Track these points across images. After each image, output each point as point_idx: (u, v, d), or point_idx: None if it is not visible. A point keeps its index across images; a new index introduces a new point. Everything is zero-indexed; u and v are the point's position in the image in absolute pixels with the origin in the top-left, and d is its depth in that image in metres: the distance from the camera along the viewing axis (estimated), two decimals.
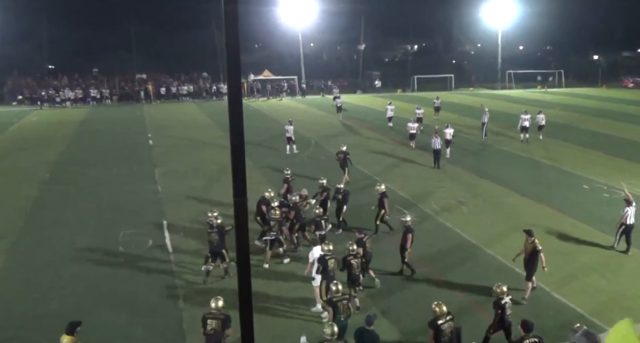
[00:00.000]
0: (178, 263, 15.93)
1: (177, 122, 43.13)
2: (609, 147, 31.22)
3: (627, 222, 16.35)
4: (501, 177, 24.82)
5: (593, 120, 41.20)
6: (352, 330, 10.55)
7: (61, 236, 18.27)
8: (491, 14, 70.38)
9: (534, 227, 18.31)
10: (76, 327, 9.98)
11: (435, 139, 26.49)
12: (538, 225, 18.68)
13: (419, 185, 23.74)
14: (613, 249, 16.62)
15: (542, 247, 13.61)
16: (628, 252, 16.37)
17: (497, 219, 19.59)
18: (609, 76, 72.45)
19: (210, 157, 29.51)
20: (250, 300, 6.68)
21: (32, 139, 36.10)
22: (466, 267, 15.55)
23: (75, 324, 10.01)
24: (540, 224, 18.71)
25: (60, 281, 14.71)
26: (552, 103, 51.78)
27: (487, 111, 34.25)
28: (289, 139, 30.34)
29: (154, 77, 64.92)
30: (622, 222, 16.44)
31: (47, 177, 26.20)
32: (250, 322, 6.70)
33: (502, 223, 19.07)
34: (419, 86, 67.53)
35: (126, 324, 12.69)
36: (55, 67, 69.05)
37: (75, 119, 45.12)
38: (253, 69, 63.71)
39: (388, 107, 39.01)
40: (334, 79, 69.19)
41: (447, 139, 28.64)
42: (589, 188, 23.20)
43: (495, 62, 72.38)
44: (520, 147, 31.52)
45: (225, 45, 6.13)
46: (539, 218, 19.37)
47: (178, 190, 23.31)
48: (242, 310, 6.69)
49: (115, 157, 30.15)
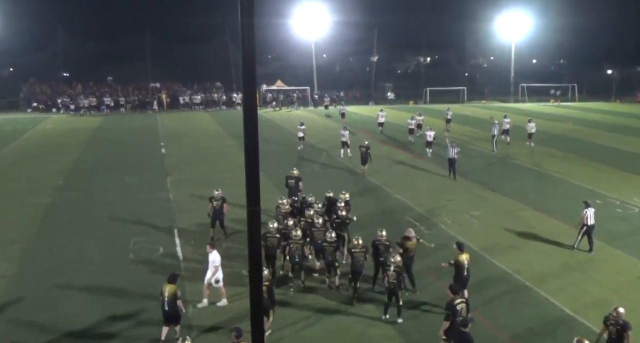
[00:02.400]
0: (188, 271, 15.96)
1: (189, 131, 43.38)
2: (622, 162, 31.00)
3: (588, 223, 17.33)
4: (513, 191, 24.69)
5: (606, 135, 40.96)
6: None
7: (73, 243, 18.37)
8: (504, 27, 70.36)
9: (546, 242, 18.41)
10: (177, 277, 12.65)
11: (451, 148, 26.93)
12: (550, 240, 18.63)
13: (429, 197, 23.68)
14: (574, 249, 17.52)
15: (553, 261, 13.47)
16: (592, 252, 17.32)
17: (510, 232, 19.49)
18: (623, 91, 72.09)
19: (222, 166, 29.62)
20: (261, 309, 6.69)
21: (46, 145, 36.43)
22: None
23: (176, 275, 12.74)
24: (552, 239, 18.64)
25: (71, 288, 14.78)
26: (565, 117, 51.60)
27: (497, 123, 34.32)
28: (344, 143, 32.61)
29: (168, 86, 65.41)
30: (583, 223, 17.41)
31: (60, 183, 26.40)
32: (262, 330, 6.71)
33: (515, 237, 19.00)
34: (432, 98, 67.55)
35: (135, 330, 12.73)
36: (70, 75, 69.80)
37: (89, 127, 45.50)
38: (266, 80, 64.05)
39: (379, 113, 42.24)
40: (347, 90, 69.30)
41: (427, 141, 32.59)
42: (602, 203, 23.01)
43: (508, 75, 72.31)
44: (532, 160, 31.38)
45: (241, 57, 6.19)
46: (551, 232, 19.22)
47: (189, 199, 23.39)
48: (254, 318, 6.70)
49: (127, 165, 30.33)
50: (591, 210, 17.42)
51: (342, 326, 13.01)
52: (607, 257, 17.25)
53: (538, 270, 16.26)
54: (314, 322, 13.17)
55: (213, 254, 14.08)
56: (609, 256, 17.29)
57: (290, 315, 13.41)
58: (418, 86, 71.86)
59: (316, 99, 63.31)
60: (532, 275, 15.85)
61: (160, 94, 61.91)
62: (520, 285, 15.26)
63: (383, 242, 14.70)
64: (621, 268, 16.36)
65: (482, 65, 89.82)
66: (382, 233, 14.83)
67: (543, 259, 17.09)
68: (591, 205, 17.74)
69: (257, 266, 6.74)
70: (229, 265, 15.47)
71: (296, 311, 13.68)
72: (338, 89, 68.39)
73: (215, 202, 18.42)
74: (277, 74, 68.27)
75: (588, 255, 17.30)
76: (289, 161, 30.70)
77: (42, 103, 58.06)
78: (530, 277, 15.69)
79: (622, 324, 10.74)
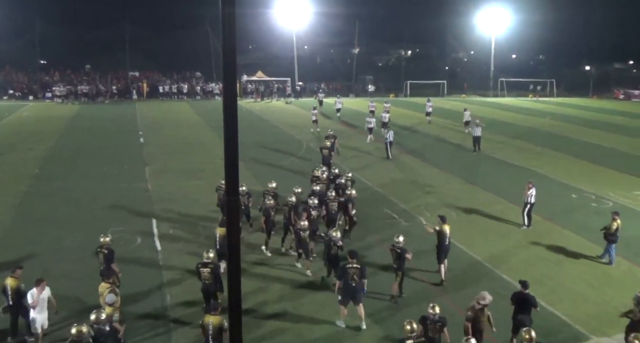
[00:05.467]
0: (166, 261, 15.92)
1: (168, 120, 43.05)
2: (598, 157, 31.44)
3: (531, 201, 19.26)
4: (491, 185, 24.95)
5: (583, 130, 41.48)
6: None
7: (50, 232, 18.20)
8: (485, 22, 70.73)
9: (522, 235, 18.67)
10: (18, 269, 12.31)
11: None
12: (527, 232, 18.91)
13: (406, 188, 23.84)
14: (522, 227, 19.26)
15: (532, 255, 13.69)
16: (530, 226, 19.21)
17: (486, 226, 19.72)
18: (600, 87, 72.96)
19: (201, 157, 29.49)
20: (239, 299, 6.70)
21: (22, 133, 35.91)
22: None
23: (19, 267, 12.49)
24: (529, 232, 18.93)
25: (48, 277, 14.60)
26: (543, 112, 52.11)
27: (477, 125, 32.60)
28: (370, 129, 34.80)
29: (147, 76, 64.76)
30: (526, 202, 19.30)
31: (36, 172, 26.08)
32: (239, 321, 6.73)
33: (491, 230, 19.24)
34: (412, 92, 67.75)
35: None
36: (47, 62, 68.72)
37: (66, 115, 44.93)
38: (246, 70, 63.70)
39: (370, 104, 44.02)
40: (327, 82, 69.18)
41: (383, 122, 35.81)
42: (578, 198, 23.37)
43: (488, 69, 72.76)
44: (511, 155, 31.67)
45: (221, 46, 6.16)
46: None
47: (168, 189, 23.27)
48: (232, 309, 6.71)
49: (105, 154, 30.04)
50: (534, 190, 19.25)
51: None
52: (582, 250, 17.53)
53: (513, 261, 16.51)
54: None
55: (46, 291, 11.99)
56: (584, 249, 17.57)
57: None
58: (399, 79, 72.02)
59: (297, 91, 63.07)
60: (507, 266, 16.09)
61: (140, 83, 61.30)
62: (495, 276, 15.47)
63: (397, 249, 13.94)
64: (595, 262, 16.64)
65: (462, 59, 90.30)
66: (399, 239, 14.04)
67: (517, 251, 17.34)
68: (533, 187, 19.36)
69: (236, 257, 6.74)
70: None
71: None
72: (319, 80, 68.24)
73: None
74: (257, 64, 67.91)
75: (562, 247, 17.58)
76: (269, 152, 30.71)
77: (19, 90, 57.18)
78: (506, 269, 15.93)
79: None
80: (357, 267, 12.76)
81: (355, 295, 12.71)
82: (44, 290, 11.89)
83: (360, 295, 12.79)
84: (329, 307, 13.40)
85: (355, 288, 12.69)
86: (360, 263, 13.08)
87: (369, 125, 35.08)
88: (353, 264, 12.77)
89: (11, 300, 11.93)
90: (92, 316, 10.30)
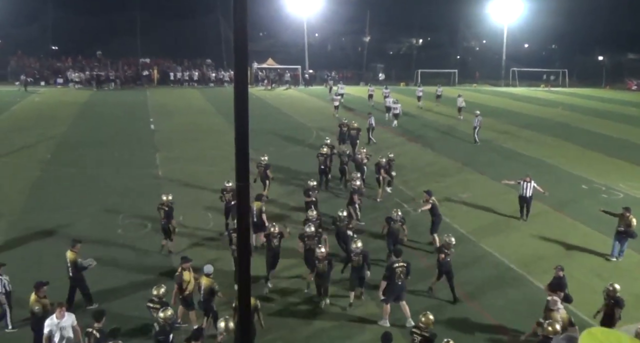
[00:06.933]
0: (175, 248, 16.01)
1: (179, 107, 43.12)
2: (609, 148, 31.23)
3: (527, 195, 19.02)
4: (501, 174, 24.83)
5: (595, 121, 41.18)
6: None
7: (60, 217, 18.35)
8: (497, 11, 70.11)
9: (532, 225, 18.63)
10: (77, 243, 13.06)
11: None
12: (537, 223, 18.87)
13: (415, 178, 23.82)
14: (521, 219, 19.17)
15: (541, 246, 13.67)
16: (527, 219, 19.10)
17: (495, 215, 19.70)
18: (613, 77, 72.25)
19: (211, 143, 29.57)
20: (249, 285, 6.75)
21: (34, 119, 36.10)
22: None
23: (77, 241, 13.17)
24: (539, 222, 18.90)
25: (58, 262, 14.76)
26: (555, 102, 51.75)
27: (478, 116, 32.31)
28: (396, 115, 36.36)
29: (158, 62, 64.80)
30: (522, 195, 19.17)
31: (48, 157, 26.27)
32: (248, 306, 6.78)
33: (500, 220, 19.22)
34: (423, 80, 67.25)
35: (120, 306, 12.83)
36: (59, 48, 68.88)
37: (78, 101, 45.09)
38: (257, 58, 63.60)
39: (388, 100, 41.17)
40: (338, 70, 68.95)
41: (395, 113, 36.45)
42: (588, 189, 23.27)
43: (500, 59, 72.18)
44: (521, 145, 31.53)
45: (233, 32, 6.16)
46: (537, 216, 19.44)
47: (178, 175, 23.38)
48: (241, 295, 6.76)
49: (116, 140, 30.18)
50: (527, 184, 18.92)
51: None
52: (592, 241, 17.49)
53: (525, 253, 16.50)
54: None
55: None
56: (593, 240, 17.52)
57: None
58: (410, 67, 71.60)
59: (307, 78, 63.02)
60: (517, 258, 16.09)
61: (151, 69, 61.36)
62: (505, 267, 15.49)
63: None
64: (605, 252, 16.57)
65: (474, 48, 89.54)
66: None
67: (529, 243, 17.33)
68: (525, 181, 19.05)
69: (245, 241, 6.78)
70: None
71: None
72: (329, 68, 68.03)
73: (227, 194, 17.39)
74: (268, 52, 67.73)
75: (573, 240, 17.53)
76: (279, 140, 30.75)
77: (31, 76, 57.38)
78: (516, 259, 15.93)
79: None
80: (404, 265, 12.67)
81: (401, 293, 12.66)
82: (64, 317, 10.29)
83: (404, 293, 12.75)
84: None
85: (401, 287, 12.65)
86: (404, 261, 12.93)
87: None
88: (399, 262, 12.67)
89: (70, 272, 12.74)
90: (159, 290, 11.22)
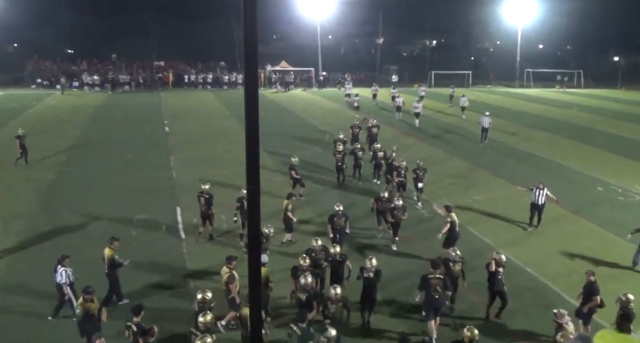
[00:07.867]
0: (190, 249, 16.12)
1: (193, 110, 43.34)
2: (625, 150, 30.94)
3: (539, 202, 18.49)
4: (515, 176, 24.71)
5: (610, 122, 40.79)
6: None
7: (76, 218, 18.54)
8: (511, 12, 69.73)
9: (547, 227, 18.50)
10: (115, 240, 13.41)
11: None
12: (551, 225, 18.73)
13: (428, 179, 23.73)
14: (528, 228, 18.55)
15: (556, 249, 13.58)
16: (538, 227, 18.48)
17: (509, 218, 19.59)
18: (629, 78, 71.51)
19: (225, 146, 29.67)
20: (259, 286, 6.78)
21: (50, 122, 36.47)
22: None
23: (115, 238, 13.52)
24: (554, 225, 18.75)
25: (73, 263, 14.90)
26: (570, 103, 51.35)
27: (486, 116, 32.00)
28: (417, 114, 36.83)
29: (172, 65, 65.20)
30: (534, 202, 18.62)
31: (64, 160, 26.53)
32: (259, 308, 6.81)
33: (514, 223, 19.11)
34: (436, 82, 67.14)
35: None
36: (74, 52, 69.56)
37: (93, 104, 45.46)
38: (270, 60, 63.77)
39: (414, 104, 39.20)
40: (351, 72, 68.94)
41: (398, 106, 39.04)
42: (604, 191, 23.07)
43: (514, 60, 71.73)
44: (536, 146, 31.33)
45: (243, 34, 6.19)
46: (552, 218, 19.29)
47: (192, 178, 23.45)
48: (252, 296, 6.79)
49: (131, 143, 30.41)
50: (538, 192, 18.35)
51: None
52: (608, 244, 17.34)
53: (537, 255, 16.40)
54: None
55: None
56: (609, 243, 17.37)
57: None
58: (423, 69, 71.41)
59: (321, 81, 63.10)
60: (532, 259, 16.00)
61: (165, 72, 61.76)
62: (517, 268, 15.41)
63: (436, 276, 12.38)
64: (622, 256, 16.42)
65: (488, 49, 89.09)
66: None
67: (541, 245, 17.23)
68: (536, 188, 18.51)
69: (256, 244, 6.81)
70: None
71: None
72: (343, 70, 68.04)
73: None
74: (281, 54, 67.90)
75: (585, 242, 17.40)
76: (292, 141, 30.78)
77: (46, 79, 57.99)
78: (531, 262, 15.85)
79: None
80: (440, 277, 11.89)
81: (440, 307, 11.84)
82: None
83: (442, 308, 11.97)
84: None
85: (439, 301, 11.78)
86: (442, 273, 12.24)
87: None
88: (435, 274, 11.89)
89: (106, 268, 13.21)
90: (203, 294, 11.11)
